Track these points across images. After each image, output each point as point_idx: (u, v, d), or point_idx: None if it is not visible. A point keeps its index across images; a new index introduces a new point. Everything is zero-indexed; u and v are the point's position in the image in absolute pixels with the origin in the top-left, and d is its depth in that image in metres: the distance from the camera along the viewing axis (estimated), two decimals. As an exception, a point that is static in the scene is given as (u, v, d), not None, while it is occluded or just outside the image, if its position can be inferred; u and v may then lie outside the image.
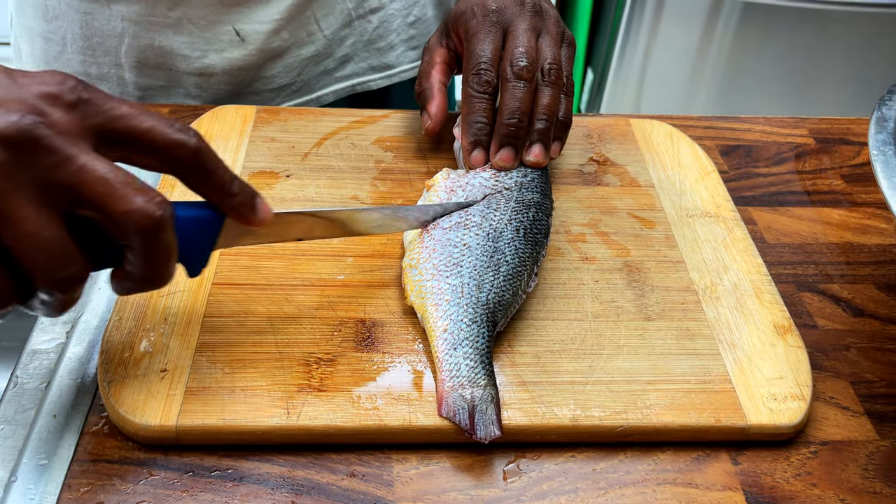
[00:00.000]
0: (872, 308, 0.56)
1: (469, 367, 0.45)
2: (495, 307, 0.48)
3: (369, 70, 0.80)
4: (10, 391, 0.46)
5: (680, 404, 0.46)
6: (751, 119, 0.74)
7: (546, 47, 0.57)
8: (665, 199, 0.61)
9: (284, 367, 0.46)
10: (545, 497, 0.43)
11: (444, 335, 0.46)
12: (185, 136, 0.39)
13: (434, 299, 0.48)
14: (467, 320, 0.47)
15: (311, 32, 0.74)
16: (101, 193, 0.36)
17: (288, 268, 0.52)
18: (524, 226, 0.52)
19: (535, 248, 0.52)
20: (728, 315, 0.52)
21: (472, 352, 0.46)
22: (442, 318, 0.47)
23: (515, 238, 0.51)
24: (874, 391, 0.50)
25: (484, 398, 0.44)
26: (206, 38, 0.70)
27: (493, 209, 0.53)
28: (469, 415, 0.43)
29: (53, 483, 0.42)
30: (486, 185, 0.55)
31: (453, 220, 0.52)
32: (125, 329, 0.47)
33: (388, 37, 0.79)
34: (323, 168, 0.61)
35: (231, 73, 0.72)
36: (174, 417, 0.43)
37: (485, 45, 0.56)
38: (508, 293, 0.49)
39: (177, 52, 0.70)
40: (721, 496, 0.43)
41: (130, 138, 0.39)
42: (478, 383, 0.44)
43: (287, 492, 0.42)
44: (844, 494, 0.44)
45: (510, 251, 0.50)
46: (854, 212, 0.65)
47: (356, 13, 0.76)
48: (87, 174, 0.36)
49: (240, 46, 0.71)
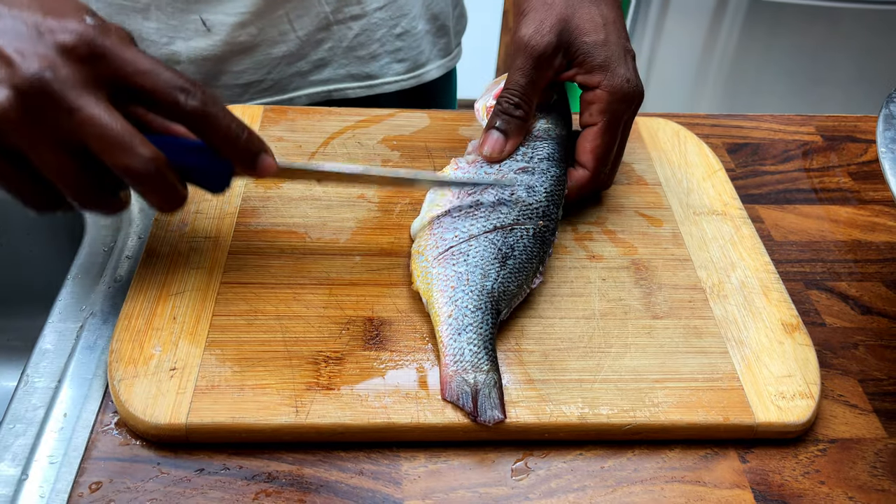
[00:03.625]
0: (880, 306, 0.56)
1: (472, 353, 0.46)
2: (500, 297, 0.48)
3: (348, 77, 0.79)
4: (21, 390, 0.46)
5: (688, 402, 0.46)
6: (758, 117, 0.74)
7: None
8: (672, 197, 0.61)
9: (293, 366, 0.46)
10: (553, 495, 0.43)
11: (449, 321, 0.47)
12: (186, 98, 0.42)
13: (440, 285, 0.49)
14: (472, 307, 0.47)
15: (283, 31, 0.73)
16: (100, 146, 0.41)
17: (296, 266, 0.52)
18: (533, 222, 0.52)
19: (543, 246, 0.52)
20: (736, 313, 0.52)
21: (475, 337, 0.46)
22: (447, 303, 0.48)
23: (525, 237, 0.51)
24: (882, 389, 0.50)
25: (487, 382, 0.44)
26: (172, 26, 0.70)
27: (502, 203, 0.53)
28: (472, 399, 0.44)
29: (64, 481, 0.42)
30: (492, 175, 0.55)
31: (462, 209, 0.53)
32: (135, 328, 0.47)
33: (370, 46, 0.77)
34: (330, 167, 0.61)
35: (196, 63, 0.72)
36: (184, 416, 0.43)
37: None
38: (514, 285, 0.49)
39: (145, 37, 0.71)
40: (729, 494, 0.43)
41: (139, 93, 0.42)
42: (481, 368, 0.45)
43: (296, 490, 0.42)
44: (853, 492, 0.44)
45: (519, 246, 0.51)
46: (862, 209, 0.64)
47: (334, 17, 0.74)
48: (89, 127, 0.40)
49: (206, 36, 0.71)
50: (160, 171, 0.42)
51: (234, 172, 0.47)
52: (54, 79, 0.39)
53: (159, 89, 0.42)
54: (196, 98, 0.42)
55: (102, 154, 0.41)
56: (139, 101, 0.43)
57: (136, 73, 0.41)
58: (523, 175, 0.55)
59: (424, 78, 0.83)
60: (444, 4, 0.82)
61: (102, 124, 0.40)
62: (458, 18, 0.88)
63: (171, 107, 0.42)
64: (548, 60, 0.54)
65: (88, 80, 0.40)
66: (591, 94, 0.55)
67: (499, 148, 0.56)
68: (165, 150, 0.42)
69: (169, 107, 0.42)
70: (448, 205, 0.53)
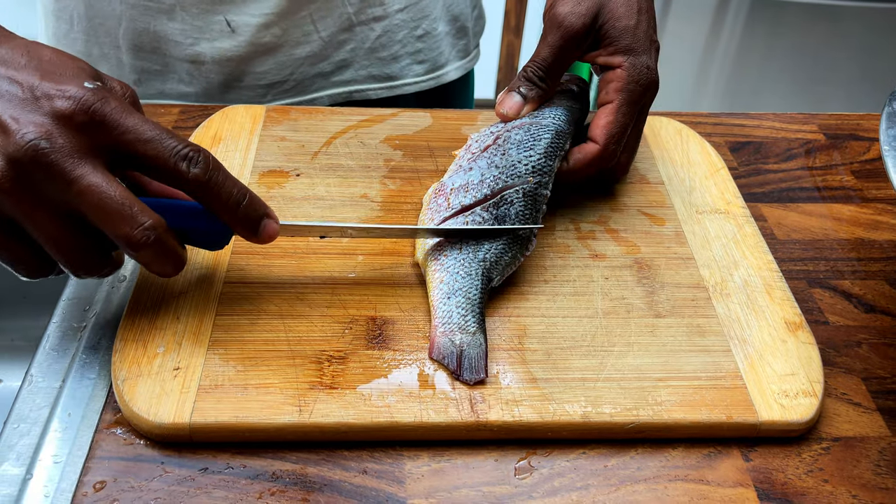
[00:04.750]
0: (884, 304, 0.56)
1: (460, 315, 0.48)
2: (492, 265, 0.50)
3: (369, 78, 0.79)
4: (25, 389, 0.46)
5: (691, 401, 0.46)
6: (760, 115, 0.74)
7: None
8: (675, 196, 0.61)
9: (296, 365, 0.46)
10: (557, 493, 0.43)
11: (441, 285, 0.49)
12: (189, 166, 0.41)
13: (435, 254, 0.51)
14: (462, 273, 0.50)
15: (306, 32, 0.73)
16: (98, 216, 0.40)
17: (299, 266, 0.52)
18: (523, 181, 0.53)
19: (536, 205, 0.53)
20: (739, 311, 0.52)
21: (464, 301, 0.48)
22: (440, 270, 0.50)
23: (517, 201, 0.52)
24: (886, 387, 0.50)
25: (472, 344, 0.47)
26: (197, 27, 0.71)
27: (497, 167, 0.54)
28: (457, 359, 0.46)
29: (68, 480, 0.42)
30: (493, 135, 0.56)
31: (458, 183, 0.54)
32: (138, 328, 0.47)
33: (391, 47, 0.78)
34: (332, 167, 0.61)
35: (221, 63, 0.73)
36: (187, 415, 0.43)
37: None
38: (507, 255, 0.51)
39: (170, 37, 0.71)
40: (733, 493, 0.43)
41: (140, 160, 0.41)
42: (467, 330, 0.47)
43: (300, 489, 0.42)
44: (856, 490, 0.44)
45: (510, 214, 0.52)
46: (865, 208, 0.64)
47: (357, 19, 0.75)
48: (87, 197, 0.39)
49: (230, 37, 0.71)
50: (160, 239, 0.41)
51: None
52: (50, 148, 0.38)
53: (161, 158, 0.41)
54: (199, 166, 0.41)
55: (101, 224, 0.40)
56: (139, 167, 0.42)
57: (136, 142, 0.40)
58: (519, 132, 0.56)
59: (444, 79, 0.83)
60: (463, 6, 0.83)
61: (101, 194, 0.39)
62: (477, 20, 0.88)
63: (174, 175, 0.41)
64: (579, 41, 0.55)
65: (86, 148, 0.39)
66: (611, 73, 0.56)
67: (516, 110, 0.57)
68: (165, 214, 0.42)
69: (171, 175, 0.41)
70: (448, 175, 0.55)
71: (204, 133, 0.63)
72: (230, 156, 0.61)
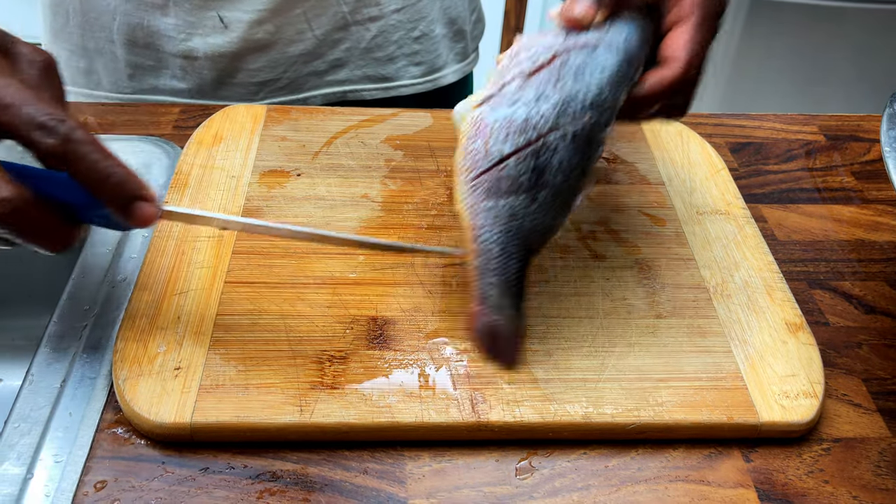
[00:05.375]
0: (884, 305, 0.56)
1: (497, 295, 0.46)
2: (529, 233, 0.45)
3: (364, 79, 0.79)
4: (26, 388, 0.46)
5: (692, 402, 0.46)
6: (760, 116, 0.74)
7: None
8: (675, 197, 0.61)
9: (297, 365, 0.46)
10: (557, 494, 0.43)
11: (477, 259, 0.45)
12: (42, 135, 0.37)
13: (471, 215, 0.45)
14: (496, 251, 0.45)
15: (300, 30, 0.73)
16: None
17: (300, 266, 0.52)
18: (577, 130, 0.44)
19: (589, 150, 0.45)
20: (739, 312, 0.52)
21: (498, 281, 0.45)
22: (474, 240, 0.45)
23: (562, 147, 0.44)
24: (886, 388, 0.50)
25: (508, 328, 0.46)
26: (190, 22, 0.70)
27: (548, 101, 0.44)
28: (492, 341, 0.46)
29: (69, 480, 0.42)
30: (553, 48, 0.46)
31: (500, 120, 0.44)
32: (139, 327, 0.47)
33: (387, 47, 0.77)
34: (333, 166, 0.61)
35: (213, 59, 0.73)
36: (188, 415, 0.43)
37: None
38: (548, 217, 0.45)
39: (163, 32, 0.71)
40: (733, 493, 0.43)
41: (5, 130, 0.38)
42: (503, 312, 0.46)
43: (300, 489, 0.42)
44: (857, 491, 0.44)
45: (553, 164, 0.44)
46: (865, 209, 0.64)
47: (352, 18, 0.74)
48: None
49: (223, 33, 0.71)
50: (19, 210, 0.37)
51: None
52: None
53: (13, 125, 0.37)
54: (55, 135, 0.37)
55: None
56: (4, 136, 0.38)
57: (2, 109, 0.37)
58: (580, 54, 0.45)
59: (441, 82, 0.83)
60: (461, 9, 0.82)
61: None
62: (476, 23, 0.88)
63: (28, 145, 0.38)
64: None
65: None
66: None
67: (591, 15, 0.47)
68: (41, 185, 0.39)
69: (26, 145, 0.38)
70: (486, 98, 0.46)
71: (205, 132, 0.63)
72: (231, 155, 0.61)
